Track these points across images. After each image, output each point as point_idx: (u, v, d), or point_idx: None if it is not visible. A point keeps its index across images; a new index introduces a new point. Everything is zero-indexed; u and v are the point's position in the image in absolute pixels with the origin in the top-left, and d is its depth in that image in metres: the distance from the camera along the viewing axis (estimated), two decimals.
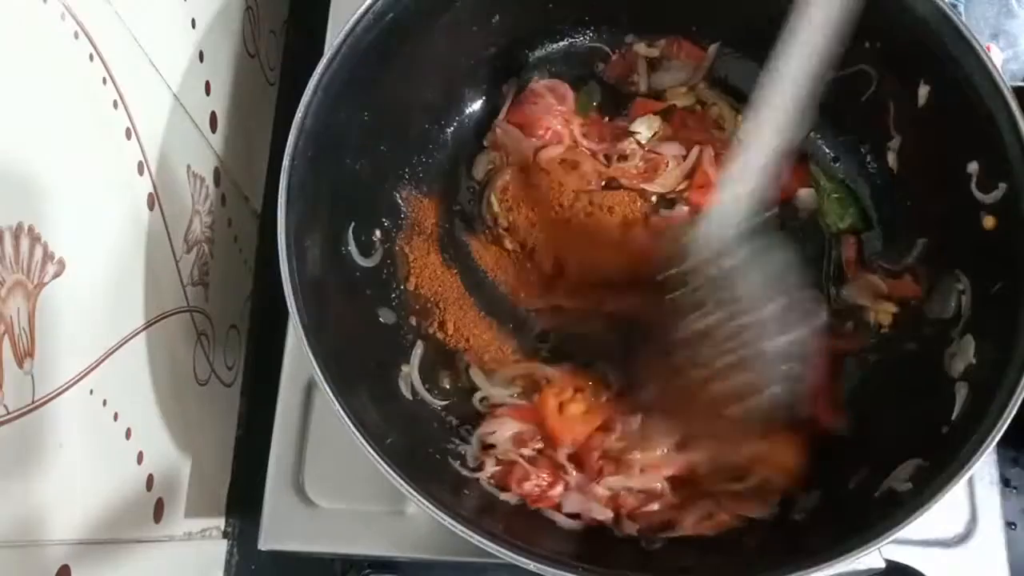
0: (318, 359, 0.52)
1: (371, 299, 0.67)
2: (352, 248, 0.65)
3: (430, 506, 0.50)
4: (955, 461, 0.50)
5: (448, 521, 0.50)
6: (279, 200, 0.54)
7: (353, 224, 0.65)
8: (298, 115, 0.55)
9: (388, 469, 0.50)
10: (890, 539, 0.48)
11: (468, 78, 0.72)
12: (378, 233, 0.68)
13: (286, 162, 0.54)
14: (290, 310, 0.53)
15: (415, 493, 0.50)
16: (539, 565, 0.49)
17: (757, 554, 0.56)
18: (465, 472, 0.63)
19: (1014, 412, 0.50)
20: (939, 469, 0.51)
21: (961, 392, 0.55)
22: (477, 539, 0.49)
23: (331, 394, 0.52)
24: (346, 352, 0.59)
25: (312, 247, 0.57)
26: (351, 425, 0.51)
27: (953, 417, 0.54)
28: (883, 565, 0.53)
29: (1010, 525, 0.66)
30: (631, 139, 0.71)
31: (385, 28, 0.59)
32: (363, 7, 0.57)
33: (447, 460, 0.63)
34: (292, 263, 0.54)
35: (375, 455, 0.51)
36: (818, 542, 0.51)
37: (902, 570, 0.57)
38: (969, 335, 0.57)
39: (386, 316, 0.68)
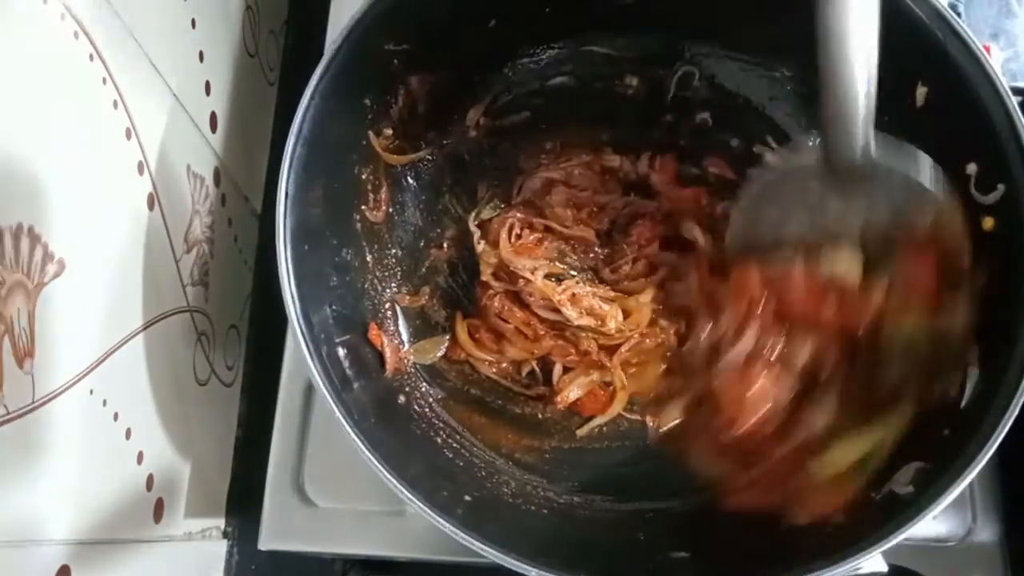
0: (317, 365, 0.52)
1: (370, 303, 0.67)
2: (352, 254, 0.65)
3: (429, 511, 0.50)
4: (957, 464, 0.50)
5: (446, 526, 0.50)
6: (277, 208, 0.54)
7: (354, 230, 0.65)
8: (295, 122, 0.55)
9: (387, 475, 0.51)
10: (893, 543, 0.48)
11: (466, 92, 0.72)
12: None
13: (284, 168, 0.54)
14: (290, 319, 0.53)
15: (414, 499, 0.50)
16: (538, 570, 0.49)
17: (759, 558, 0.56)
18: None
19: (1015, 414, 0.50)
20: (941, 472, 0.50)
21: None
22: (472, 543, 0.49)
23: (330, 399, 0.52)
24: (346, 356, 0.59)
25: (312, 253, 0.57)
26: (350, 430, 0.51)
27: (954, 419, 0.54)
28: (886, 569, 0.53)
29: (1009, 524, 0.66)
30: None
31: (382, 34, 0.59)
32: (358, 14, 0.57)
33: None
34: (291, 271, 0.54)
35: (374, 460, 0.51)
36: (821, 546, 0.51)
37: (905, 574, 0.57)
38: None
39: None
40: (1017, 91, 0.56)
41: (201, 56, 0.68)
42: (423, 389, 0.67)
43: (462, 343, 0.69)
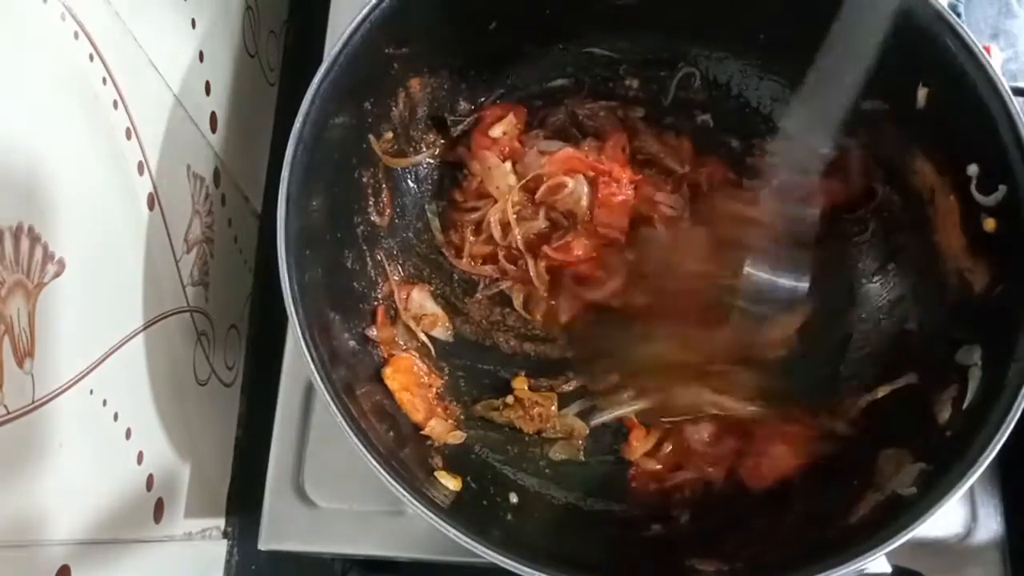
0: (318, 365, 0.52)
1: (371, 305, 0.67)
2: (352, 256, 0.65)
3: (429, 513, 0.50)
4: (959, 465, 0.50)
5: (446, 526, 0.50)
6: (278, 212, 0.54)
7: (354, 232, 0.65)
8: (296, 124, 0.55)
9: (387, 475, 0.51)
10: (896, 544, 0.48)
11: (466, 95, 0.72)
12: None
13: (285, 171, 0.54)
14: (290, 320, 0.53)
15: (414, 500, 0.50)
16: (539, 572, 0.49)
17: (763, 560, 0.56)
18: None
19: (1017, 415, 0.50)
20: (943, 473, 0.51)
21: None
22: (472, 544, 0.49)
23: (330, 400, 0.52)
24: (346, 358, 0.59)
25: (312, 255, 0.57)
26: (349, 431, 0.51)
27: (957, 420, 0.54)
28: (889, 569, 0.53)
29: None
30: None
31: (381, 37, 0.59)
32: (358, 17, 0.57)
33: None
34: (292, 273, 0.53)
35: (374, 461, 0.51)
36: (824, 547, 0.51)
37: (908, 574, 0.57)
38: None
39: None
40: (1017, 91, 0.56)
41: (201, 56, 0.68)
42: None
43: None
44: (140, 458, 0.58)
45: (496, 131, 0.70)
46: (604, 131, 0.72)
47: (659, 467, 0.65)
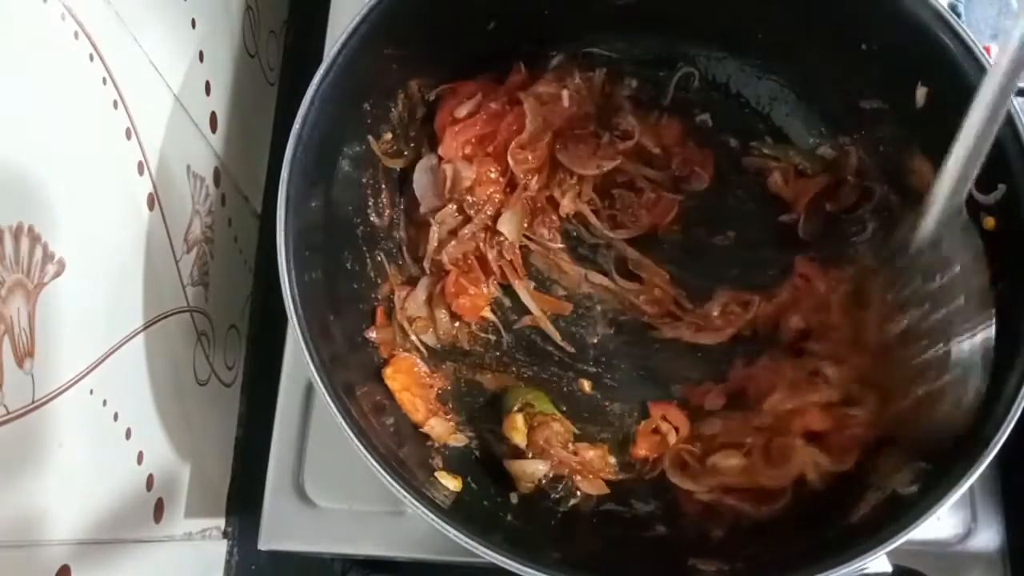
0: (318, 365, 0.52)
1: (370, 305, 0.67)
2: (352, 257, 0.65)
3: (429, 514, 0.50)
4: (960, 464, 0.50)
5: (445, 527, 0.50)
6: (278, 213, 0.54)
7: (354, 233, 0.65)
8: (295, 127, 0.55)
9: (387, 476, 0.51)
10: (896, 543, 0.48)
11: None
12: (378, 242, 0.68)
13: (285, 171, 0.54)
14: (290, 320, 0.53)
15: (415, 501, 0.50)
16: (537, 572, 0.49)
17: (765, 560, 0.56)
18: None
19: (1017, 415, 0.50)
20: (944, 472, 0.51)
21: None
22: (472, 544, 0.49)
23: (330, 400, 0.52)
24: (346, 358, 0.59)
25: (312, 256, 0.57)
26: (349, 431, 0.51)
27: None
28: (890, 569, 0.53)
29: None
30: None
31: (381, 38, 0.59)
32: (358, 17, 0.57)
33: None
34: (292, 273, 0.53)
35: (374, 461, 0.51)
36: (824, 547, 0.51)
37: (909, 573, 0.57)
38: None
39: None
40: (1017, 91, 0.56)
41: (201, 56, 0.68)
42: None
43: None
44: (140, 458, 0.58)
45: (462, 110, 0.68)
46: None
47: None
